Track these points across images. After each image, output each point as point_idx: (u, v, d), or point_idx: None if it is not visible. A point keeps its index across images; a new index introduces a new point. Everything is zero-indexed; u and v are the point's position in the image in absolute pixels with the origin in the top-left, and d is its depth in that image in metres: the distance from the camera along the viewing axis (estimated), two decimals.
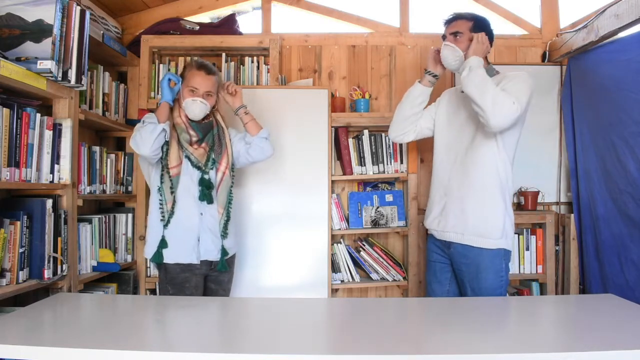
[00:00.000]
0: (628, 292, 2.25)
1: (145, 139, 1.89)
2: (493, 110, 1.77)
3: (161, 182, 1.98)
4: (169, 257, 1.98)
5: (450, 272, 2.06)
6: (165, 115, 1.97)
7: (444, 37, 2.05)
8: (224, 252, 2.07)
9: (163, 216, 1.98)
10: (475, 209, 1.93)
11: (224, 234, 2.08)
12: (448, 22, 2.05)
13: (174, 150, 1.98)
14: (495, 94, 1.79)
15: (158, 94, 2.79)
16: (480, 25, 1.99)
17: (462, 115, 2.05)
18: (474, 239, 1.92)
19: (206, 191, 2.02)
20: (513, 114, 1.79)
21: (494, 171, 1.92)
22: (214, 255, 2.04)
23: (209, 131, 2.07)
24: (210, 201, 2.03)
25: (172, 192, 1.98)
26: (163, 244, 1.98)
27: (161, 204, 1.98)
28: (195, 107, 2.00)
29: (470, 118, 1.98)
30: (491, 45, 2.01)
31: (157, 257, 1.97)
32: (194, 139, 2.03)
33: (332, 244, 2.69)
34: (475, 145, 1.94)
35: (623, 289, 2.29)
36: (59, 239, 1.92)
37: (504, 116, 1.78)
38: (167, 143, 1.97)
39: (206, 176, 2.03)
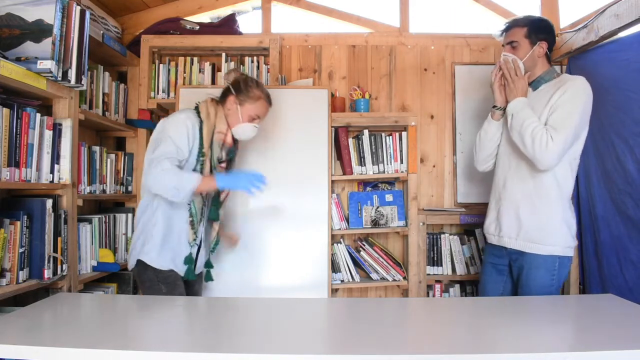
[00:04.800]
0: (627, 292, 2.25)
1: (166, 193, 1.77)
2: (535, 155, 1.85)
3: (192, 201, 1.89)
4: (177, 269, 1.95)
5: (506, 274, 2.08)
6: (204, 192, 1.90)
7: (503, 46, 2.08)
8: (210, 264, 2.12)
9: (195, 235, 1.93)
10: (529, 215, 1.95)
11: (214, 250, 2.11)
12: (504, 31, 2.07)
13: (207, 170, 1.90)
14: (533, 139, 1.84)
15: (158, 93, 2.79)
16: (535, 29, 2.00)
17: None
18: (526, 245, 1.95)
19: (216, 210, 2.04)
20: (553, 154, 1.82)
21: (551, 177, 1.92)
22: (200, 268, 2.06)
23: (233, 152, 2.08)
24: (218, 219, 2.06)
25: (202, 212, 1.95)
26: (190, 260, 1.94)
27: (192, 224, 1.91)
28: (251, 133, 2.01)
29: None
30: (554, 42, 2.04)
31: (190, 275, 1.94)
32: (223, 158, 2.00)
33: (332, 244, 2.69)
34: None
35: (622, 289, 2.29)
36: (59, 238, 1.92)
37: (547, 159, 1.84)
38: (202, 162, 1.88)
39: (216, 195, 2.04)
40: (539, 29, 2.01)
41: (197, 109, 1.95)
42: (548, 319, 1.51)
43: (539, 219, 1.93)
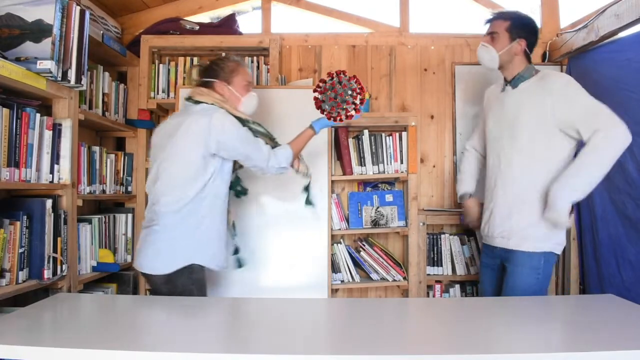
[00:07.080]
0: (624, 292, 2.25)
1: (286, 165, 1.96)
2: (614, 152, 1.80)
3: (229, 186, 1.90)
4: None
5: (500, 273, 2.09)
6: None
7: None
8: (237, 249, 2.11)
9: (229, 222, 1.92)
10: (519, 213, 1.94)
11: (235, 233, 2.10)
12: (487, 22, 2.06)
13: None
14: (604, 154, 1.79)
15: (158, 93, 2.79)
16: (517, 25, 1.98)
17: (503, 117, 2.04)
18: (518, 243, 1.94)
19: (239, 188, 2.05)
20: (622, 134, 1.80)
21: (545, 173, 1.90)
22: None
23: None
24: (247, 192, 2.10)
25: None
26: (237, 249, 1.99)
27: (228, 210, 1.91)
28: (255, 100, 2.00)
29: (511, 121, 1.97)
30: (535, 42, 2.02)
31: (244, 262, 2.00)
32: None
33: (332, 244, 2.69)
34: (519, 149, 1.94)
35: (619, 289, 2.29)
36: (59, 239, 1.92)
37: (622, 142, 1.79)
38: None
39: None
40: (521, 26, 1.99)
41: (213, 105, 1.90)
42: (548, 319, 1.51)
43: (533, 217, 1.92)
